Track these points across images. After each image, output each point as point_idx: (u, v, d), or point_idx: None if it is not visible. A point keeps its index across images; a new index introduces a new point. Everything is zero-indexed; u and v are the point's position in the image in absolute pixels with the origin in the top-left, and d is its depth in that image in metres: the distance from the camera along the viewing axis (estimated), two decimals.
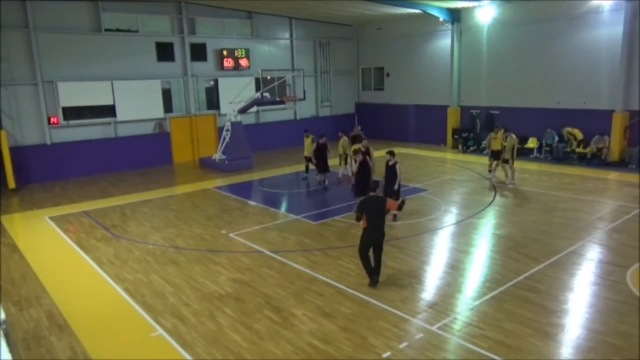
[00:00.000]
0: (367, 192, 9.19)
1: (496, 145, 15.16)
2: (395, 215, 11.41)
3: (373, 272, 8.19)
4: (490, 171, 15.68)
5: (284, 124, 24.63)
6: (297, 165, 18.65)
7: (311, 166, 16.14)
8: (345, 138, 16.04)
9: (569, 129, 18.29)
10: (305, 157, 16.43)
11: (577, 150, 18.12)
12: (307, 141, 16.22)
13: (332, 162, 16.17)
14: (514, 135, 15.22)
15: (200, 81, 21.84)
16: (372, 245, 8.13)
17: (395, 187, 11.54)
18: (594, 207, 12.49)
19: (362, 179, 12.29)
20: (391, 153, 11.74)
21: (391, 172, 11.57)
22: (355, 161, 12.80)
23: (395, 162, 11.56)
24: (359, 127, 16.44)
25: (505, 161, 15.09)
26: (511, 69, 20.53)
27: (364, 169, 12.45)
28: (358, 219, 8.11)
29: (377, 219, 8.00)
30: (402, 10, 21.79)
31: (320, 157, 15.25)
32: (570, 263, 8.99)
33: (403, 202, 8.88)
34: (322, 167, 15.32)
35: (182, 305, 7.79)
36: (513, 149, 14.87)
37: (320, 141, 15.38)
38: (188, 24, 21.01)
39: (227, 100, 20.26)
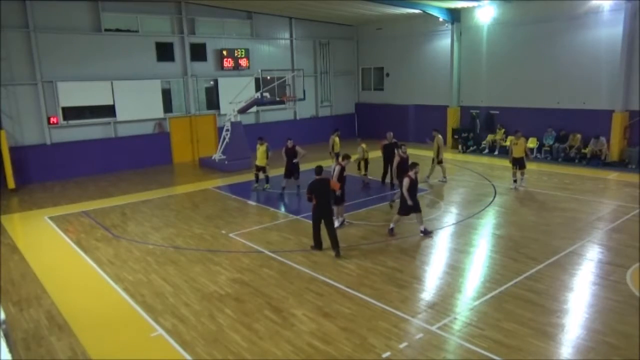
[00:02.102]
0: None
1: (519, 152, 14.43)
2: (391, 230, 10.80)
3: (320, 243, 9.88)
4: (515, 181, 14.65)
5: (284, 124, 24.60)
6: None
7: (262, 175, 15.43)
8: (337, 138, 16.07)
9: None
10: (257, 167, 15.35)
11: (581, 150, 18.17)
12: (261, 149, 15.15)
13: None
14: (440, 136, 15.56)
15: (200, 81, 21.84)
16: (322, 220, 9.68)
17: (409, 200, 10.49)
18: (593, 207, 12.49)
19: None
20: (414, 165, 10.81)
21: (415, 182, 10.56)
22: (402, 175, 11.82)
23: (404, 177, 10.59)
24: (391, 134, 15.17)
25: (436, 161, 15.37)
26: (511, 69, 20.53)
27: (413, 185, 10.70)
28: (309, 199, 9.75)
29: (323, 198, 9.64)
30: (402, 10, 21.80)
31: (289, 161, 14.60)
32: (570, 263, 8.99)
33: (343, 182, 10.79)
34: (292, 172, 14.63)
35: (182, 305, 7.79)
36: (439, 149, 15.19)
37: (289, 145, 14.68)
38: (188, 24, 21.01)
39: (227, 100, 20.26)
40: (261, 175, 15.51)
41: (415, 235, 10.78)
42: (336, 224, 10.97)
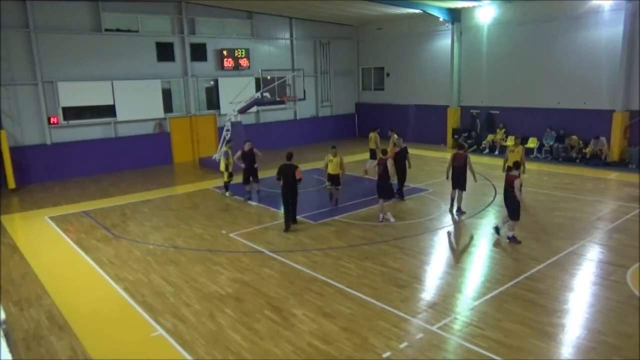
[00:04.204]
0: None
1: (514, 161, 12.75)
2: (513, 237, 10.19)
3: (290, 220, 11.41)
4: None
5: (284, 124, 24.63)
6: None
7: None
8: (377, 134, 16.27)
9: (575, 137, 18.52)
10: (231, 173, 14.67)
11: (582, 150, 18.19)
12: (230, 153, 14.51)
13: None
14: (395, 135, 15.54)
15: (200, 81, 21.85)
16: (289, 197, 11.34)
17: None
18: (594, 207, 12.49)
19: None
20: (516, 166, 10.32)
21: (511, 188, 10.07)
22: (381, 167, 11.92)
23: (517, 177, 10.08)
24: (401, 140, 14.56)
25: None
26: (511, 69, 20.54)
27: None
28: (278, 179, 11.41)
29: (289, 180, 11.24)
30: (402, 10, 21.80)
31: (248, 165, 14.00)
32: (570, 263, 8.99)
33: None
34: (253, 176, 14.13)
35: (182, 305, 7.79)
36: (393, 146, 15.10)
37: (246, 148, 13.99)
38: (188, 24, 21.01)
39: (227, 100, 20.28)
40: (226, 178, 14.75)
41: (415, 235, 10.79)
42: (392, 219, 11.70)
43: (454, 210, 12.39)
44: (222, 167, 14.75)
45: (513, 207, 10.14)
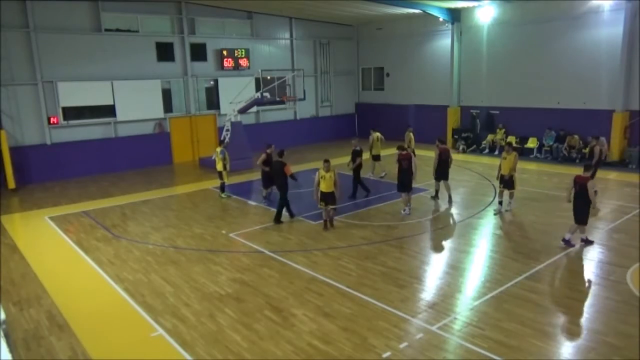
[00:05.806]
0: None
1: (506, 169, 12.00)
2: (586, 239, 9.96)
3: (279, 214, 12.03)
4: (500, 202, 12.37)
5: (284, 124, 24.63)
6: (296, 165, 18.61)
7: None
8: (411, 134, 16.50)
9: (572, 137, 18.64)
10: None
11: (582, 150, 18.18)
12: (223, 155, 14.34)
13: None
14: (379, 134, 16.19)
15: (200, 81, 21.85)
16: (280, 192, 11.98)
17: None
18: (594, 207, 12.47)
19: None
20: (587, 167, 9.84)
21: (583, 191, 9.59)
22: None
23: (589, 179, 9.69)
24: (357, 140, 14.33)
25: (375, 158, 16.15)
26: (511, 69, 20.54)
27: None
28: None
29: (276, 175, 12.16)
30: (402, 10, 21.80)
31: (269, 170, 13.21)
32: (570, 263, 8.99)
33: (293, 176, 12.22)
34: (270, 180, 13.38)
35: (182, 305, 7.79)
36: (372, 146, 16.06)
37: (269, 151, 13.26)
38: (188, 24, 21.01)
39: (227, 100, 20.28)
40: (225, 178, 14.69)
41: (415, 235, 10.78)
42: (407, 211, 12.29)
43: (447, 200, 13.14)
44: (220, 166, 14.54)
45: (584, 211, 9.70)
